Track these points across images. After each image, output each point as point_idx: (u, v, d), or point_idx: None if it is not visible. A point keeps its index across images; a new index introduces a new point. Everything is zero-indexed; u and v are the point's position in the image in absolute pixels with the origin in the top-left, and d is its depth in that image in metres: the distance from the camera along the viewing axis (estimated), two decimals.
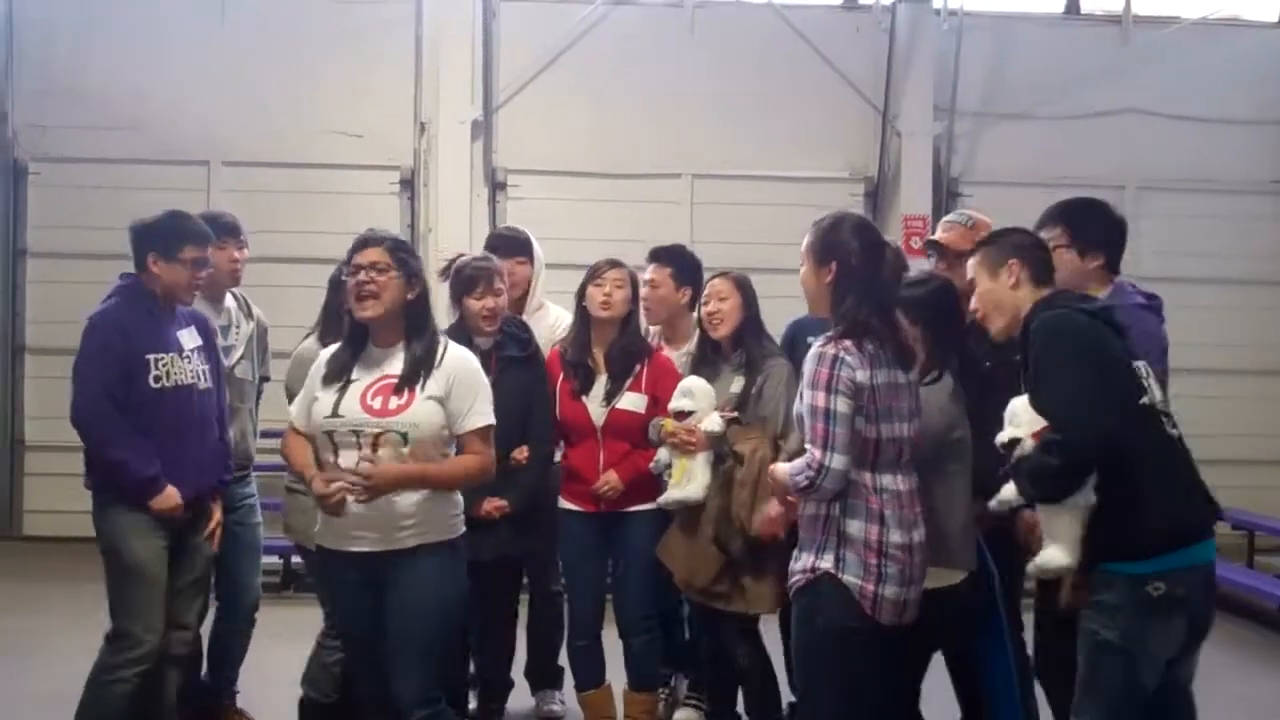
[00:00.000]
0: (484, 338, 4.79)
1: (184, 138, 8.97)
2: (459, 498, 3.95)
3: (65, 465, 4.60)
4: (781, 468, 3.72)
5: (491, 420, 3.90)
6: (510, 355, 4.79)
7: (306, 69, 9.11)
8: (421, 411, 3.79)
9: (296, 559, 7.03)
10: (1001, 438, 3.46)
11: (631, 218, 8.74)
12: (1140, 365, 3.48)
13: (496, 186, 9.22)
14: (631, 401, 4.92)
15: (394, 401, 3.79)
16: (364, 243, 3.91)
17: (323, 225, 8.41)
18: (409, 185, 9.18)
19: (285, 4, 9.21)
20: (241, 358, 5.07)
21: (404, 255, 3.88)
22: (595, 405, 4.93)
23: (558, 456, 5.07)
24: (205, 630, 4.98)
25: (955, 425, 3.98)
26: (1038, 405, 3.39)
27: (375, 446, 3.78)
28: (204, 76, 9.03)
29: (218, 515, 4.60)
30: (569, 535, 5.02)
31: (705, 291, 4.93)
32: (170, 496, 4.33)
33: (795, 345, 4.79)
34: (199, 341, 4.54)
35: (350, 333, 3.94)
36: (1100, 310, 3.54)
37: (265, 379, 5.31)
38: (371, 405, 3.80)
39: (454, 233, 8.60)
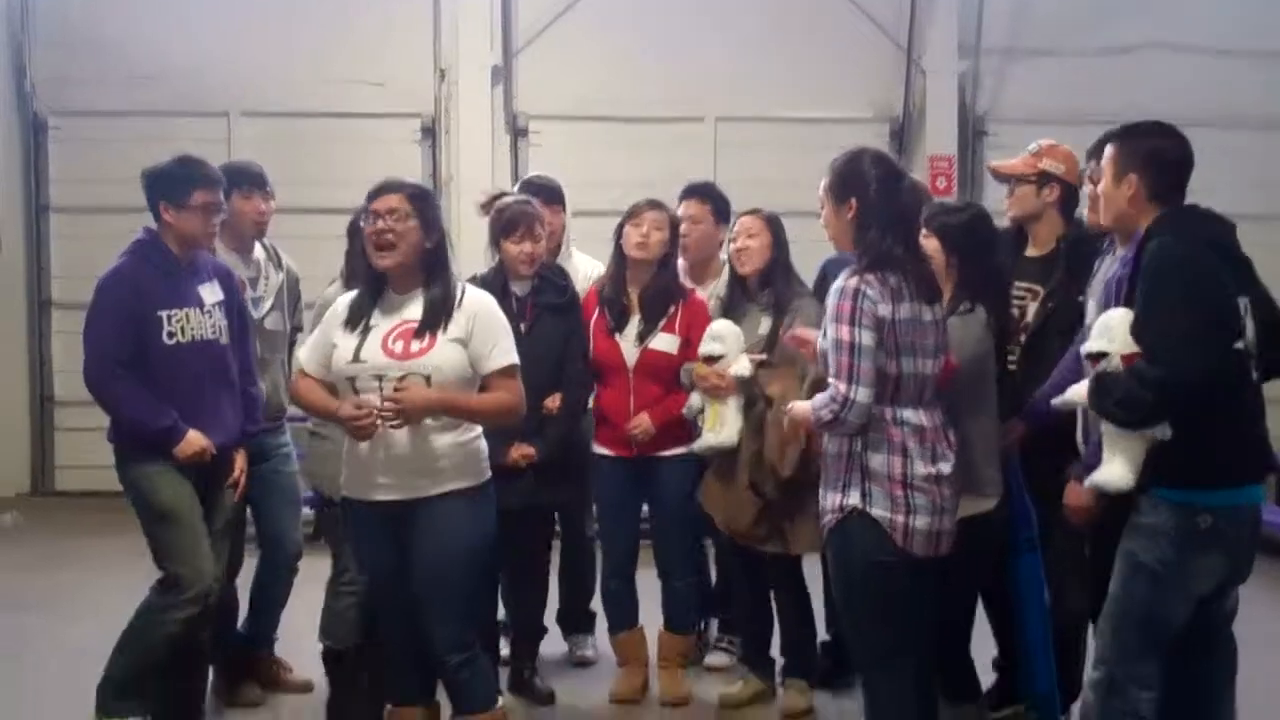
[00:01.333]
0: (521, 283, 4.80)
1: (204, 89, 8.97)
2: (483, 442, 3.96)
3: (95, 420, 4.62)
4: (803, 403, 3.71)
5: (515, 359, 3.90)
6: (547, 302, 4.80)
7: (326, 17, 9.08)
8: (444, 354, 3.80)
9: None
10: (1090, 347, 3.48)
11: (654, 162, 8.69)
12: (1244, 302, 3.44)
13: (518, 133, 9.19)
14: (665, 342, 4.93)
15: (415, 345, 3.80)
16: (381, 189, 3.91)
17: (345, 175, 8.31)
18: (430, 133, 9.17)
19: None
20: (271, 309, 5.07)
21: (422, 203, 3.87)
22: (628, 344, 4.95)
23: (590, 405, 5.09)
24: (245, 581, 5.05)
25: (988, 355, 3.98)
26: (1139, 334, 3.38)
27: (398, 391, 3.79)
28: (223, 26, 9.02)
29: (240, 464, 4.61)
30: (602, 480, 5.05)
31: (734, 228, 4.93)
32: (193, 441, 4.35)
33: (828, 283, 4.76)
34: (220, 296, 4.54)
35: (368, 279, 3.95)
36: (1219, 238, 3.48)
37: (298, 329, 5.31)
38: (393, 349, 3.81)
39: (476, 180, 8.58)
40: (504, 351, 3.88)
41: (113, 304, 4.34)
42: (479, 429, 3.95)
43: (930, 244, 3.97)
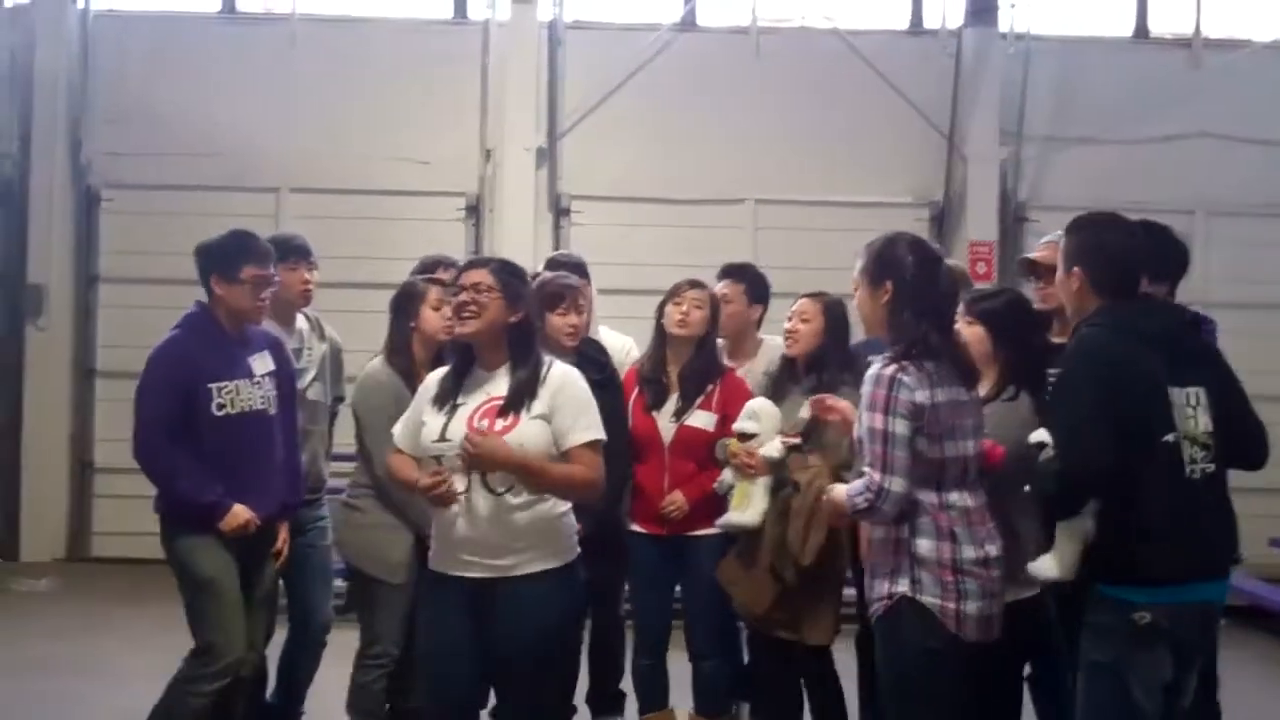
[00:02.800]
0: (563, 357, 4.81)
1: (254, 164, 9.14)
2: (571, 519, 3.94)
3: (133, 487, 4.68)
4: (840, 488, 3.70)
5: (600, 435, 3.87)
6: (587, 377, 4.82)
7: (374, 96, 9.25)
8: (528, 431, 3.78)
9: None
10: (1032, 438, 3.48)
11: (695, 243, 8.75)
12: (1189, 393, 3.42)
13: (560, 212, 9.29)
14: (701, 419, 4.96)
15: (500, 423, 3.79)
16: (470, 265, 3.98)
17: (389, 250, 8.49)
18: (474, 211, 9.28)
19: (355, 32, 9.39)
20: (314, 379, 5.12)
21: (509, 278, 3.89)
22: (665, 420, 4.98)
23: None
24: (273, 652, 5.03)
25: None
26: (1047, 424, 3.42)
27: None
28: (275, 104, 9.20)
29: (284, 535, 4.65)
30: (636, 558, 5.06)
31: (792, 309, 4.94)
32: (237, 515, 4.39)
33: (858, 365, 4.79)
34: (271, 366, 4.58)
35: (457, 356, 3.98)
36: (1161, 329, 3.47)
37: (340, 400, 5.36)
38: (478, 428, 3.80)
39: (518, 258, 8.62)
40: (587, 426, 3.85)
41: (164, 376, 4.40)
42: (567, 504, 3.92)
43: (972, 331, 3.97)
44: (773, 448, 4.64)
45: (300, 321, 5.17)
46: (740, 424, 4.74)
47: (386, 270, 7.93)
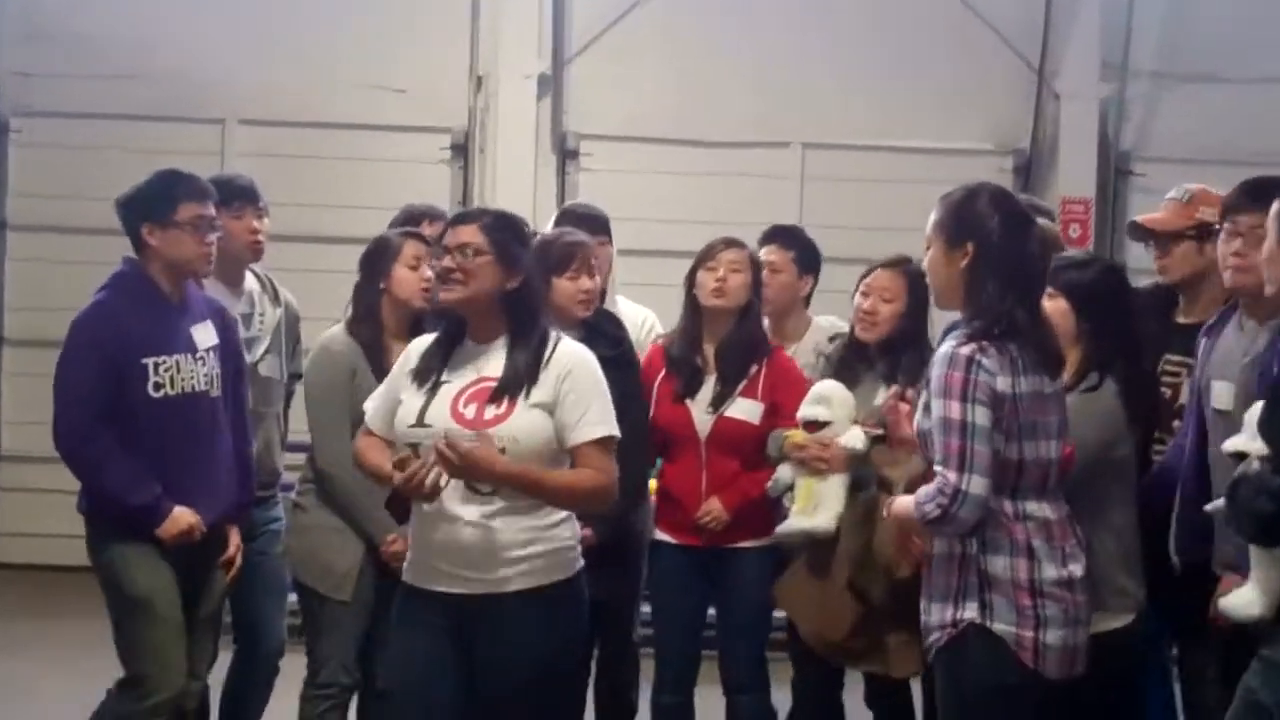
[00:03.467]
0: (570, 329, 4.76)
1: (195, 90, 9.08)
2: (573, 527, 3.96)
3: (50, 480, 4.73)
4: (904, 498, 3.71)
5: (613, 430, 3.89)
6: (598, 355, 4.83)
7: (341, 12, 9.22)
8: (523, 422, 3.79)
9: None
10: (1229, 445, 3.49)
11: (728, 195, 8.75)
12: None
13: (566, 155, 9.26)
14: (744, 409, 4.96)
15: (490, 410, 3.80)
16: (457, 220, 3.99)
17: (357, 198, 8.51)
18: (461, 151, 9.25)
19: None
20: (267, 352, 5.13)
21: (503, 236, 3.89)
22: (700, 411, 4.98)
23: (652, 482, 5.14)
24: (216, 678, 5.06)
25: (1118, 440, 3.99)
26: (1270, 433, 3.38)
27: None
28: (220, 20, 9.15)
29: (236, 542, 4.69)
30: (661, 571, 5.09)
31: (866, 282, 4.93)
32: (179, 520, 4.41)
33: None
34: (215, 339, 4.60)
35: (445, 324, 4.00)
36: None
37: (296, 377, 5.37)
38: (463, 414, 3.82)
39: (516, 209, 8.67)
40: (597, 420, 3.86)
41: (91, 348, 4.41)
42: (567, 511, 3.95)
43: (1054, 306, 3.98)
44: (854, 438, 4.64)
45: (249, 282, 5.18)
46: (808, 410, 4.74)
47: (355, 222, 7.86)
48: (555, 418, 3.82)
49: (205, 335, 4.56)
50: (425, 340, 4.04)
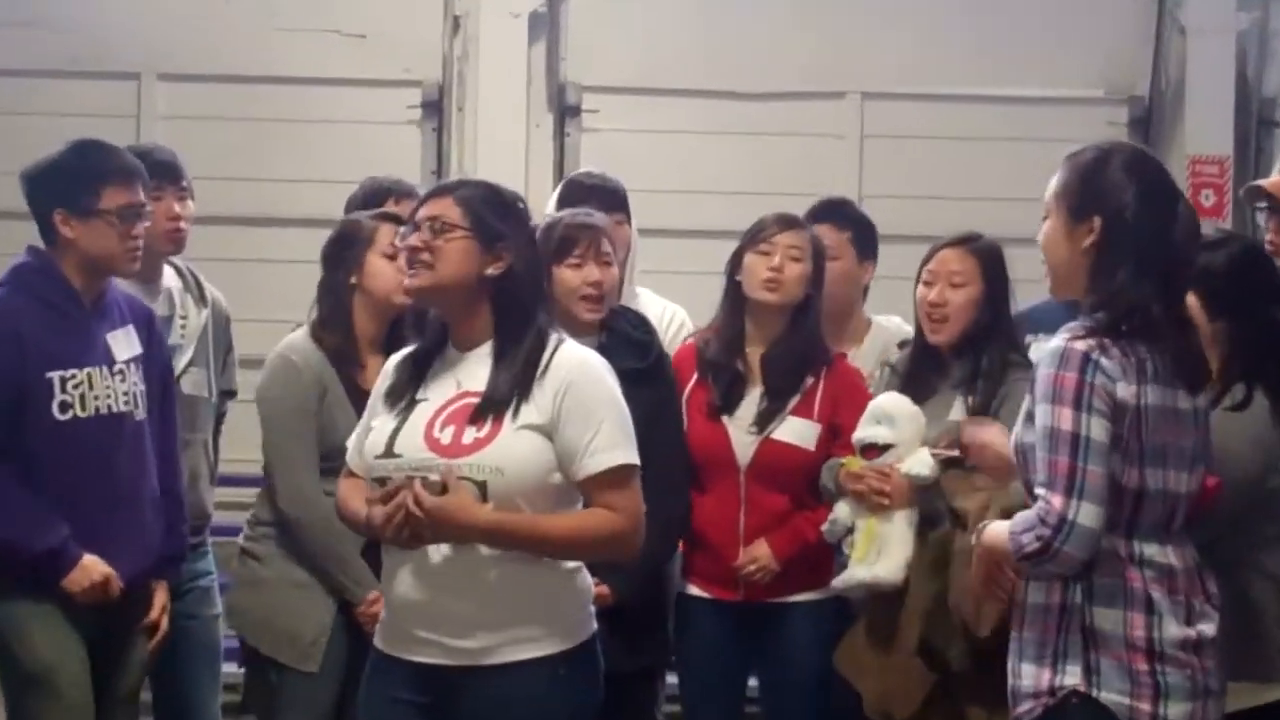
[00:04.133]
0: (584, 334, 4.77)
1: (105, 40, 9.07)
2: (585, 579, 3.97)
3: None
4: (997, 526, 3.71)
5: (631, 458, 3.89)
6: (623, 367, 4.77)
7: None
8: (510, 448, 3.78)
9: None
10: None
11: (768, 160, 8.72)
12: None
13: (565, 112, 9.23)
14: (796, 430, 5.00)
15: (470, 433, 3.80)
16: (433, 191, 4.03)
17: (304, 170, 8.50)
18: (435, 109, 9.22)
19: None
20: (191, 365, 5.17)
21: (481, 208, 3.90)
22: (740, 431, 5.02)
23: None
24: None
25: (1273, 468, 3.99)
26: None
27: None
28: None
29: (162, 602, 4.70)
30: (692, 634, 5.12)
31: (928, 268, 4.95)
32: (89, 570, 4.43)
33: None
34: (138, 349, 4.63)
35: (424, 328, 4.05)
36: None
37: (229, 394, 5.44)
38: (438, 438, 3.82)
39: (502, 177, 8.62)
40: (609, 445, 3.85)
41: None
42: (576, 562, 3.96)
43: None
44: (919, 463, 4.65)
45: (168, 277, 5.23)
46: (866, 431, 4.76)
47: (301, 200, 7.98)
48: (556, 443, 3.82)
49: (126, 344, 4.62)
50: (403, 355, 4.08)
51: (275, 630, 4.79)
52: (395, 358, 4.09)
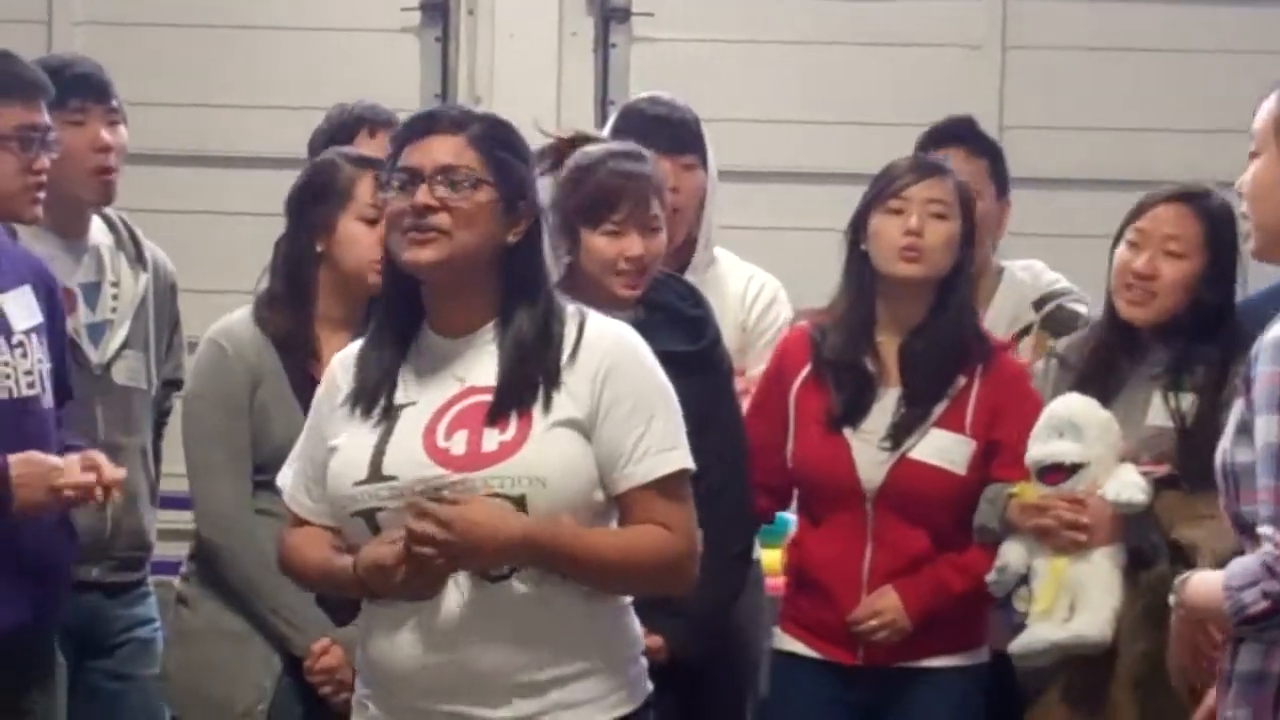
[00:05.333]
0: (618, 311, 4.75)
1: None
2: (635, 624, 3.98)
3: None
4: (1205, 577, 3.75)
5: (690, 462, 3.90)
6: (666, 351, 4.83)
7: None
8: (551, 450, 3.79)
9: None
10: None
11: (879, 77, 8.74)
12: None
13: (609, 14, 9.25)
14: (942, 447, 5.05)
15: (492, 437, 3.79)
16: (426, 125, 3.96)
17: (267, 94, 8.57)
18: (439, 11, 9.27)
19: None
20: (125, 347, 5.24)
21: (505, 157, 3.89)
22: (869, 447, 5.06)
23: (758, 550, 5.22)
24: None
25: None
26: None
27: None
28: None
29: (82, 461, 4.65)
30: (791, 702, 5.17)
31: (1137, 226, 4.97)
32: (33, 461, 4.45)
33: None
34: (39, 317, 4.68)
35: (387, 308, 4.00)
36: None
37: (173, 387, 5.49)
38: (447, 449, 3.80)
39: (526, 103, 8.66)
40: (664, 444, 3.87)
41: None
42: (626, 596, 3.96)
43: None
44: (1128, 485, 4.69)
45: (96, 231, 5.32)
46: (1045, 447, 4.82)
47: (264, 131, 8.03)
48: (596, 440, 3.84)
49: (24, 309, 4.65)
50: (348, 355, 4.05)
51: (203, 698, 4.82)
52: (344, 356, 4.05)
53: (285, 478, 4.08)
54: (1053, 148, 6.59)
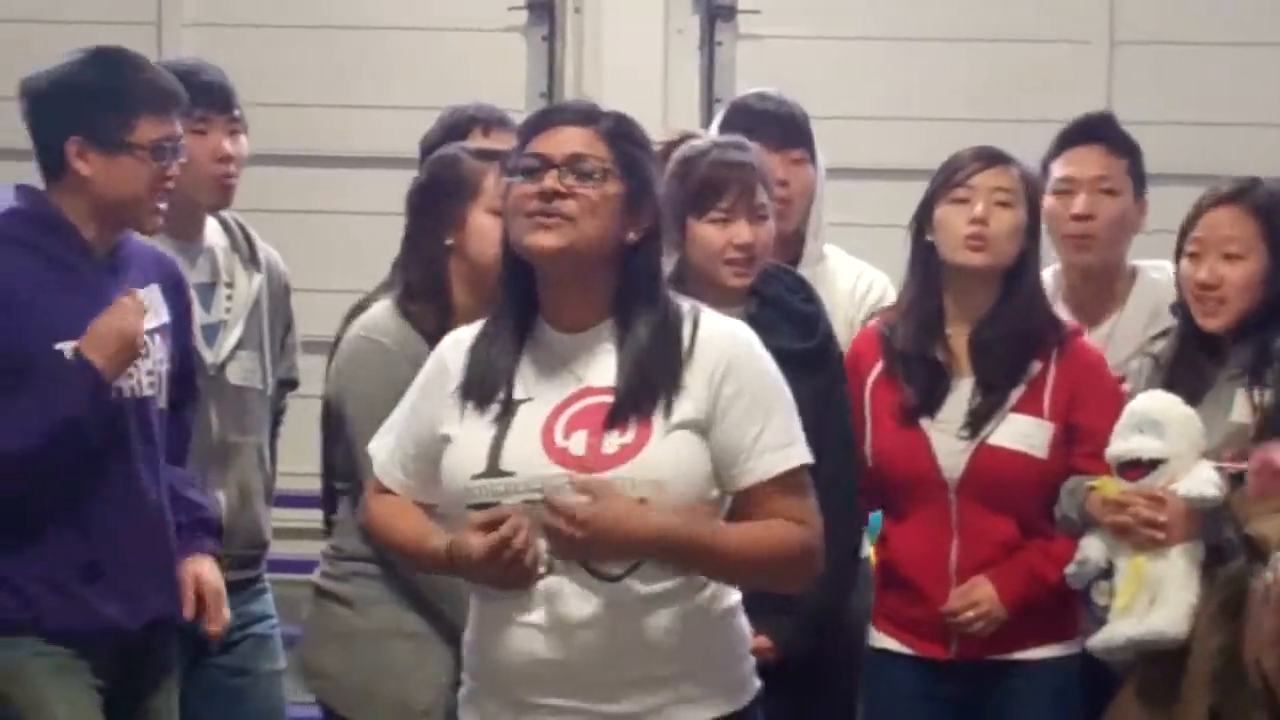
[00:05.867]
0: (728, 303, 4.79)
1: None
2: (744, 623, 3.99)
3: None
4: None
5: (805, 457, 3.92)
6: (779, 346, 4.84)
7: None
8: (671, 454, 3.81)
9: None
10: None
11: (991, 74, 8.71)
12: None
13: (715, 13, 9.25)
14: (1021, 432, 5.03)
15: (612, 440, 3.82)
16: (556, 116, 4.01)
17: (377, 94, 8.59)
18: (545, 10, 9.29)
19: None
20: (239, 347, 5.27)
21: (634, 154, 3.91)
22: (947, 437, 5.05)
23: (868, 548, 5.23)
24: None
25: None
26: None
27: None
28: None
29: (202, 571, 4.75)
30: (886, 701, 5.18)
31: (1194, 235, 4.94)
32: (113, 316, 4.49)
33: None
34: (164, 317, 4.71)
35: (505, 298, 4.01)
36: None
37: (289, 385, 5.58)
38: (566, 448, 3.84)
39: (632, 101, 8.66)
40: (785, 439, 3.90)
41: None
42: (735, 595, 3.98)
43: None
44: (1203, 481, 4.66)
45: (211, 234, 5.34)
46: (1127, 444, 4.80)
47: (375, 132, 8.08)
48: (713, 441, 3.85)
49: (151, 308, 4.65)
50: (462, 337, 4.07)
51: (380, 698, 4.77)
52: (456, 338, 4.09)
53: (380, 448, 4.13)
54: (1161, 143, 6.54)
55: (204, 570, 4.75)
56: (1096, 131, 5.45)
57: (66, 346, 4.47)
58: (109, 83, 4.59)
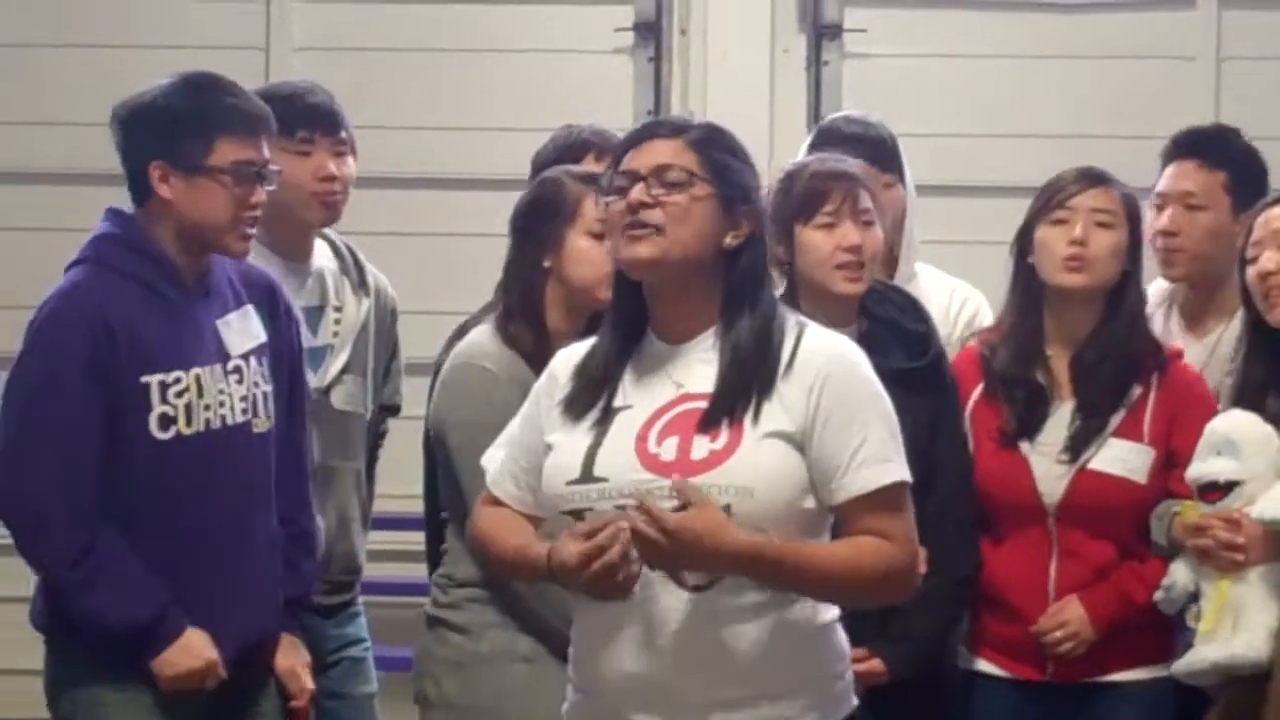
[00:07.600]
0: (841, 321, 4.80)
1: None
2: (843, 639, 3.99)
3: None
4: None
5: (907, 474, 3.90)
6: (890, 367, 4.68)
7: None
8: (760, 461, 3.80)
9: None
10: None
11: (1094, 93, 8.66)
12: None
13: (821, 33, 9.22)
14: (1121, 457, 5.01)
15: (702, 445, 3.81)
16: (647, 132, 4.00)
17: (485, 115, 8.61)
18: (651, 33, 9.28)
19: None
20: (345, 372, 5.28)
21: (726, 161, 3.91)
22: (1047, 461, 5.03)
23: None
24: None
25: None
26: None
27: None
28: None
29: (304, 680, 4.77)
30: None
31: (1252, 240, 4.91)
32: (191, 651, 4.49)
33: None
34: (262, 336, 4.71)
35: (614, 312, 4.03)
36: None
37: (391, 411, 5.57)
38: (658, 455, 3.84)
39: (740, 120, 8.66)
40: (883, 455, 3.87)
41: (65, 359, 4.48)
42: (832, 610, 3.97)
43: None
44: (1273, 503, 4.63)
45: (319, 256, 5.36)
46: (1203, 466, 4.79)
47: (482, 154, 8.10)
48: (810, 454, 3.84)
49: (242, 332, 4.69)
50: (573, 353, 4.09)
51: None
52: (567, 356, 4.09)
53: (492, 460, 4.14)
54: (1268, 160, 6.48)
55: (305, 676, 4.81)
56: (1189, 146, 5.48)
57: (153, 380, 4.49)
58: (189, 106, 4.62)
